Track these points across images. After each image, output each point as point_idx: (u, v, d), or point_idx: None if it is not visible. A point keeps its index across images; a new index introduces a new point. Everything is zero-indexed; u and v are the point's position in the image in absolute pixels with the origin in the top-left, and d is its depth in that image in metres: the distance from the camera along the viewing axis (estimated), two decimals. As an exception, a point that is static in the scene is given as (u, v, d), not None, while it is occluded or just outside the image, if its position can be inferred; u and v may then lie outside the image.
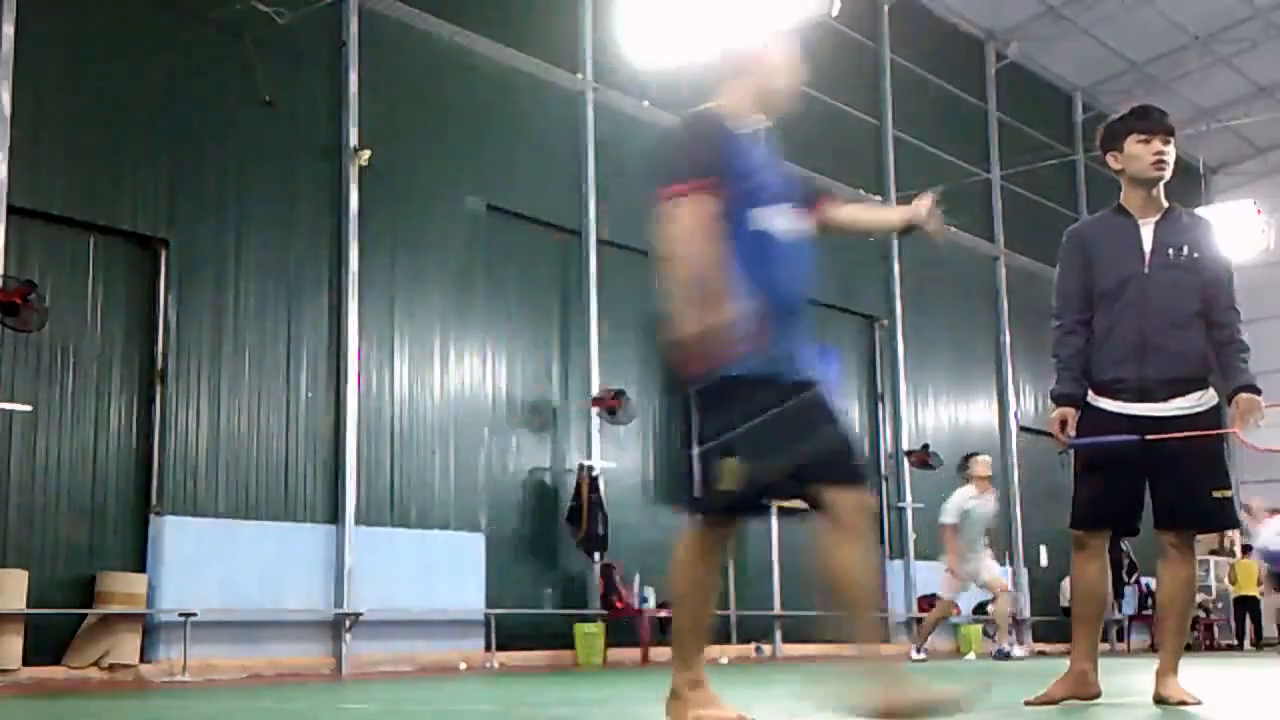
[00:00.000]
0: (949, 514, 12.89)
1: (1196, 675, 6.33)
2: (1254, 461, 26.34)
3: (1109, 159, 4.99)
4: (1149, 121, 4.91)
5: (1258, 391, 4.76)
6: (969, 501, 12.84)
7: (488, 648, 12.27)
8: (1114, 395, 4.78)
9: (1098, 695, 4.85)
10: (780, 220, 3.79)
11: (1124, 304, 4.79)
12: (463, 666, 11.82)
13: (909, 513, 17.99)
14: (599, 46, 14.49)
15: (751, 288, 3.62)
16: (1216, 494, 4.76)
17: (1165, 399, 4.74)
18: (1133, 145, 4.89)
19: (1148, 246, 4.87)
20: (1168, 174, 4.92)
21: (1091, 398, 4.86)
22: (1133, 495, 4.80)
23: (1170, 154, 4.91)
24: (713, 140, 3.80)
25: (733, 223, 3.65)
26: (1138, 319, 4.77)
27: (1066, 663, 4.98)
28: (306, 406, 11.36)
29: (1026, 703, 4.88)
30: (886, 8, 19.15)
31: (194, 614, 9.96)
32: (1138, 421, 4.71)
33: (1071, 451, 4.95)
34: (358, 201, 11.94)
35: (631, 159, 14.81)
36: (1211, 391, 4.82)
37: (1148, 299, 4.78)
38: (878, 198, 18.45)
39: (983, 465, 13.13)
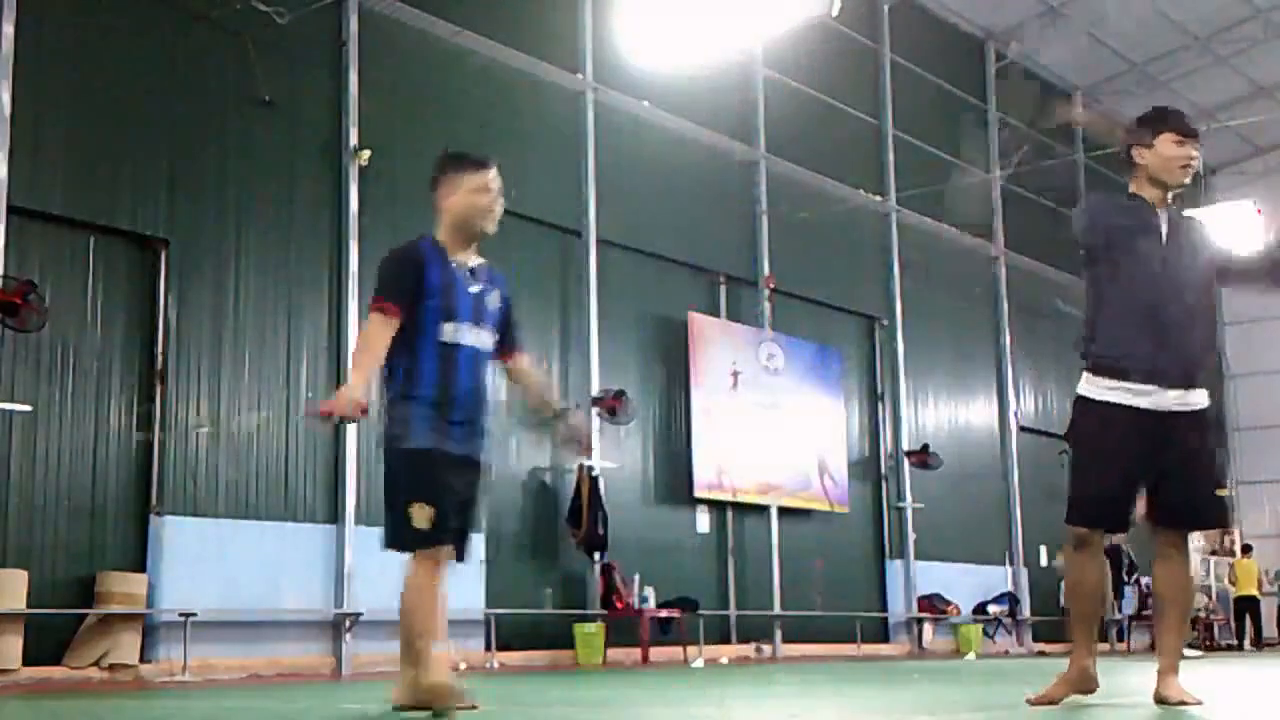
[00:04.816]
0: None
1: (1196, 675, 6.33)
2: (1253, 462, 26.37)
3: (1134, 153, 4.88)
4: (1186, 125, 4.85)
5: None
6: None
7: (488, 648, 12.27)
8: (1122, 376, 4.68)
9: (1096, 689, 4.85)
10: (462, 335, 4.59)
11: (1141, 284, 4.70)
12: (463, 666, 11.81)
13: (909, 513, 17.99)
14: (599, 46, 14.49)
15: (432, 382, 4.50)
16: (1218, 493, 4.74)
17: (1172, 386, 4.67)
18: (1167, 144, 4.81)
19: (1164, 231, 4.85)
20: (1187, 181, 4.86)
21: (1092, 382, 4.77)
22: (1133, 493, 4.78)
23: (1199, 162, 4.86)
24: (409, 266, 4.60)
25: (422, 331, 4.51)
26: (1156, 300, 4.68)
27: (1067, 662, 4.97)
28: (306, 406, 11.35)
29: (1029, 701, 4.88)
30: (886, 8, 19.15)
31: (194, 614, 9.96)
32: (1146, 415, 4.66)
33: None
34: (358, 201, 11.94)
35: (631, 159, 14.83)
36: (1204, 391, 4.77)
37: (1166, 282, 4.70)
38: (878, 198, 18.47)
39: None
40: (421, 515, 4.45)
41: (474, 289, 4.67)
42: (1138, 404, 4.65)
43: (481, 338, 4.68)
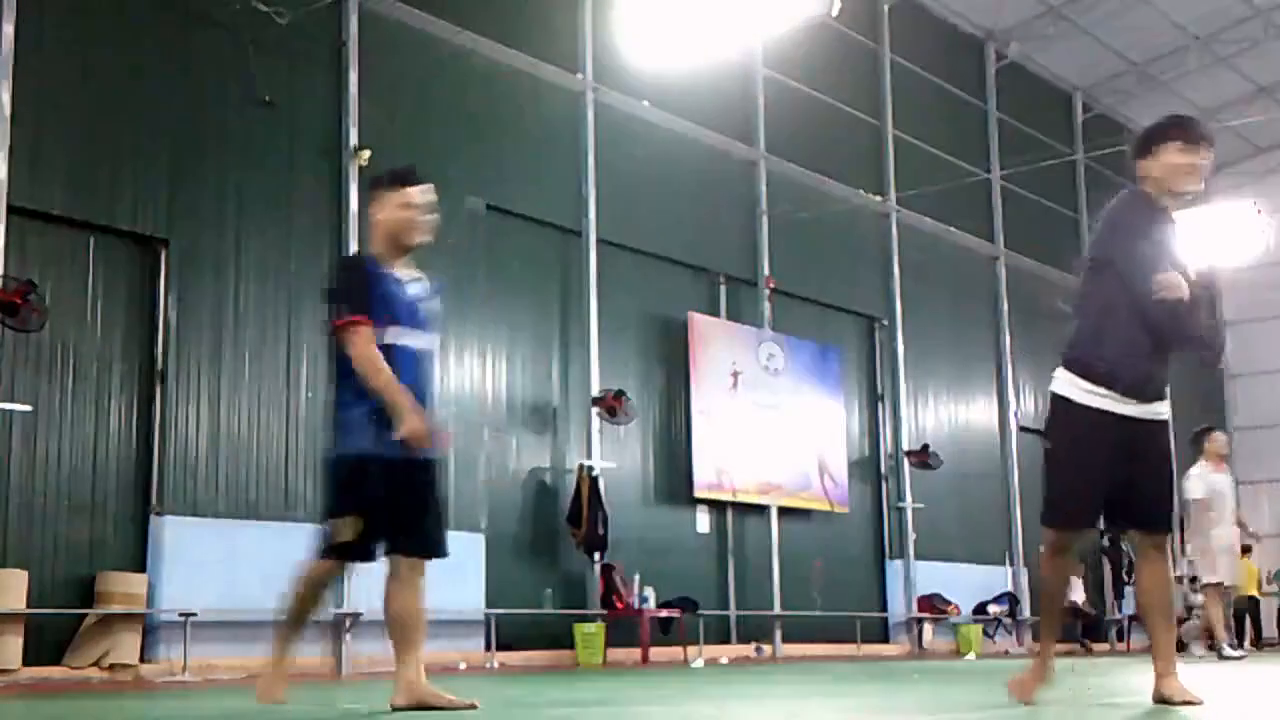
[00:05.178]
0: (1195, 489, 12.11)
1: (1197, 675, 6.33)
2: (1253, 462, 26.36)
3: (1139, 164, 4.82)
4: (1194, 132, 4.77)
5: None
6: (1211, 475, 12.14)
7: (488, 648, 12.27)
8: (1110, 384, 4.66)
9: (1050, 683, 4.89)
10: (403, 338, 4.77)
11: (1150, 299, 4.64)
12: (463, 666, 11.82)
13: (909, 513, 17.99)
14: (599, 46, 14.49)
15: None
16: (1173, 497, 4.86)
17: (1154, 399, 4.71)
18: (1174, 154, 4.74)
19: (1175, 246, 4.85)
20: (1201, 188, 4.77)
21: (1074, 383, 4.73)
22: (1104, 496, 4.81)
23: (1208, 168, 4.76)
24: (362, 276, 4.83)
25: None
26: (1161, 316, 4.63)
27: (1071, 662, 4.99)
28: (306, 406, 11.35)
29: (1024, 703, 4.88)
30: (886, 8, 19.15)
31: (194, 614, 9.96)
32: (1126, 422, 4.68)
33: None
34: (358, 201, 11.94)
35: (631, 159, 14.83)
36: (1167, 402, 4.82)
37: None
38: (878, 198, 18.47)
39: (1222, 441, 12.47)
40: (350, 529, 4.64)
41: (414, 297, 4.87)
42: (1119, 410, 4.67)
43: (422, 341, 4.87)
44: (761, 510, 15.80)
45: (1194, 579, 23.35)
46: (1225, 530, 12.50)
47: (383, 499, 4.64)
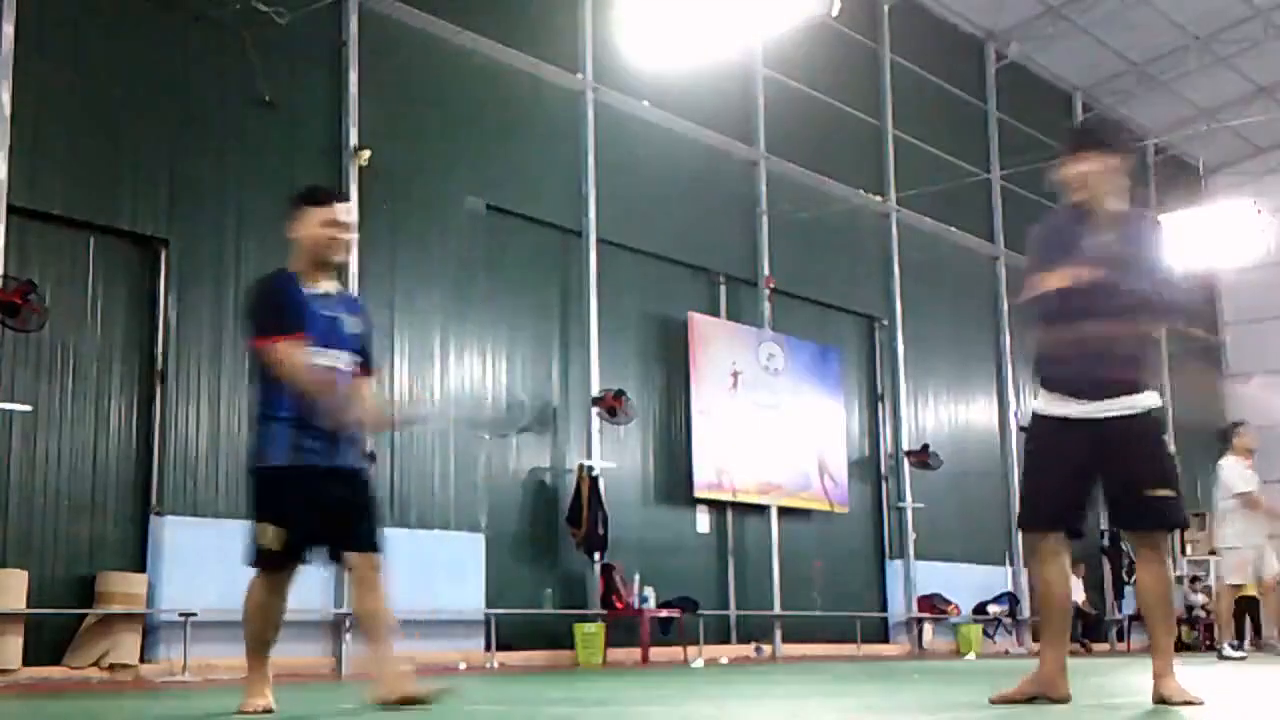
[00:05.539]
0: (1240, 482, 11.81)
1: (1197, 675, 6.34)
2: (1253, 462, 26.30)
3: (1057, 178, 5.09)
4: (1077, 141, 5.12)
5: None
6: (1248, 471, 11.89)
7: (488, 648, 12.27)
8: (1053, 390, 4.86)
9: (1068, 699, 4.84)
10: (319, 357, 4.82)
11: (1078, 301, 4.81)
12: (463, 666, 11.82)
13: (909, 513, 17.99)
14: (599, 46, 14.49)
15: (292, 402, 4.74)
16: (1150, 493, 4.76)
17: (1105, 397, 4.77)
18: (1065, 167, 5.03)
19: (1089, 242, 4.94)
20: (1087, 195, 4.95)
21: (1039, 396, 4.97)
22: (1075, 497, 4.85)
23: (1093, 171, 4.95)
24: (274, 296, 4.92)
25: None
26: (1051, 308, 4.83)
27: (1079, 663, 5.00)
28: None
29: (991, 700, 4.92)
30: (886, 8, 19.15)
31: (194, 614, 9.95)
32: (1083, 424, 4.77)
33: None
34: (358, 201, 11.93)
35: (631, 159, 14.83)
36: (1148, 395, 4.81)
37: (1081, 296, 4.81)
38: (878, 198, 18.47)
39: (1253, 436, 12.28)
40: (271, 536, 4.75)
41: (328, 314, 4.91)
42: (1073, 414, 4.79)
43: (337, 360, 4.89)
44: (761, 510, 15.80)
45: (1195, 579, 23.32)
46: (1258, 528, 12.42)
47: (306, 508, 4.74)
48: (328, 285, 5.00)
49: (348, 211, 5.05)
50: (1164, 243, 5.02)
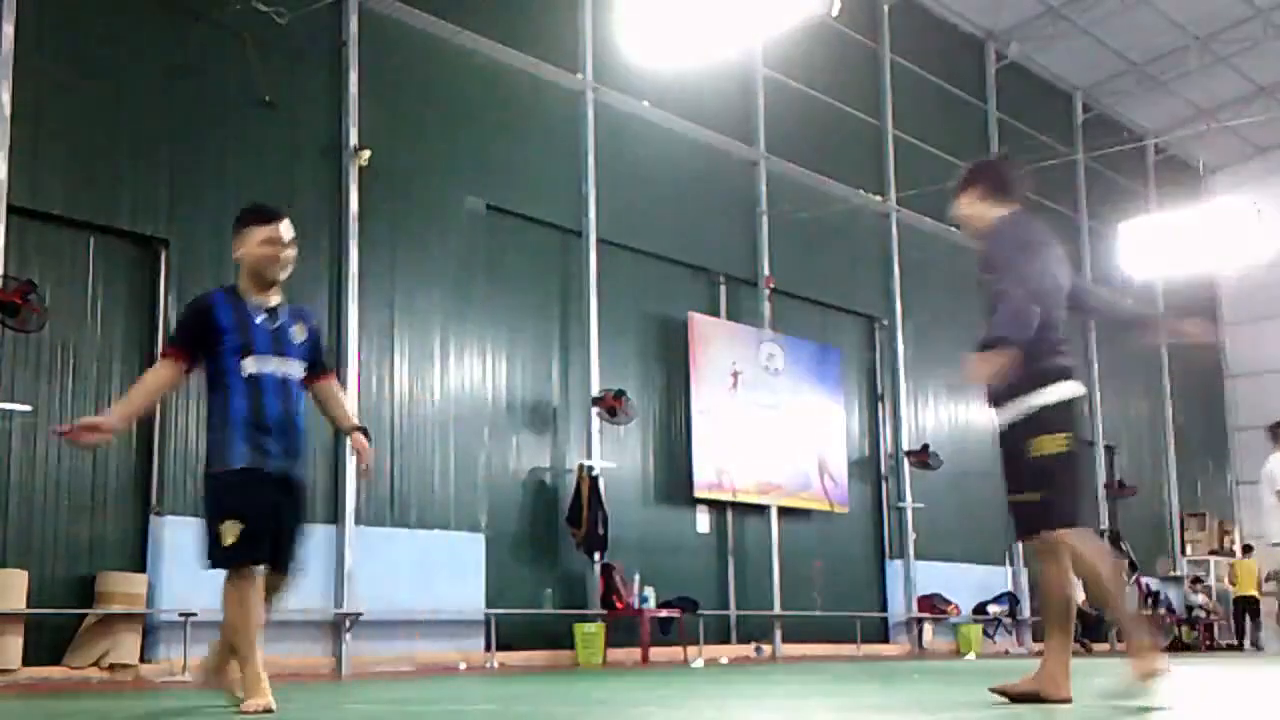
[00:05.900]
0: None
1: (1197, 675, 6.34)
2: (1253, 462, 26.31)
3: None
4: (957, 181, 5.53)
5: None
6: None
7: (488, 648, 12.27)
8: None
9: (1069, 700, 4.84)
10: (264, 366, 5.06)
11: None
12: (463, 666, 11.82)
13: (909, 513, 17.99)
14: (599, 46, 14.49)
15: (242, 411, 4.98)
16: (1010, 499, 5.18)
17: (993, 409, 5.21)
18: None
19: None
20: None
21: None
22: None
23: (961, 213, 5.47)
24: (196, 315, 5.13)
25: (226, 368, 5.02)
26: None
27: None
28: (306, 406, 11.32)
29: (991, 690, 5.01)
30: (886, 8, 19.15)
31: (194, 614, 9.95)
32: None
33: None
34: (358, 201, 11.94)
35: (631, 159, 14.83)
36: (1012, 407, 5.08)
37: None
38: (878, 198, 18.47)
39: None
40: (230, 532, 4.91)
41: (272, 326, 5.14)
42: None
43: (285, 367, 5.15)
44: (761, 510, 15.81)
45: (1196, 579, 23.31)
46: None
47: (261, 508, 4.96)
48: (273, 299, 5.21)
49: (288, 229, 5.21)
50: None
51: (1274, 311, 25.77)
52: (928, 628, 18.06)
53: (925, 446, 18.22)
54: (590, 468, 13.45)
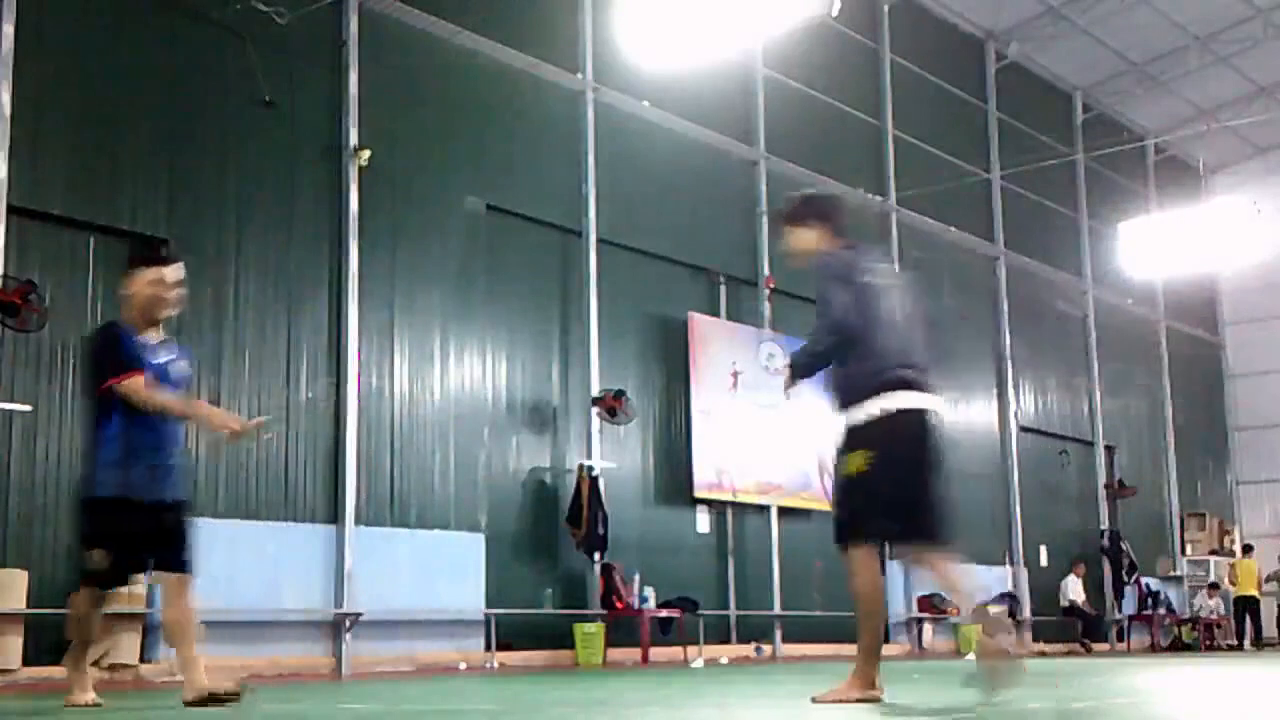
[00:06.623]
0: None
1: (1198, 675, 6.34)
2: (1253, 462, 26.31)
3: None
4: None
5: None
6: None
7: (488, 648, 12.27)
8: None
9: (882, 697, 5.29)
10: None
11: None
12: (463, 666, 11.82)
13: (909, 513, 17.94)
14: (599, 46, 14.49)
15: (119, 439, 5.37)
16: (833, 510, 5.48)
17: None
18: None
19: None
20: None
21: None
22: None
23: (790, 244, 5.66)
24: (117, 341, 5.51)
25: (112, 397, 5.37)
26: None
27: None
28: (306, 406, 11.36)
29: (814, 699, 5.18)
30: (886, 8, 19.15)
31: (194, 614, 9.94)
32: None
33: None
34: (358, 201, 11.94)
35: (631, 159, 14.83)
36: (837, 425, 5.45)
37: None
38: (878, 198, 18.47)
39: None
40: (99, 559, 5.36)
41: (159, 360, 5.53)
42: None
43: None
44: (761, 510, 15.80)
45: (1214, 585, 23.29)
46: None
47: (131, 533, 5.35)
48: (157, 335, 5.61)
49: (176, 272, 5.58)
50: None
51: (1274, 311, 25.77)
52: (928, 628, 18.05)
53: (925, 446, 18.18)
54: (590, 468, 13.45)
